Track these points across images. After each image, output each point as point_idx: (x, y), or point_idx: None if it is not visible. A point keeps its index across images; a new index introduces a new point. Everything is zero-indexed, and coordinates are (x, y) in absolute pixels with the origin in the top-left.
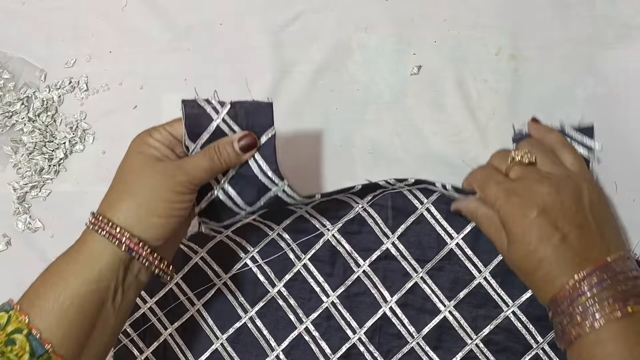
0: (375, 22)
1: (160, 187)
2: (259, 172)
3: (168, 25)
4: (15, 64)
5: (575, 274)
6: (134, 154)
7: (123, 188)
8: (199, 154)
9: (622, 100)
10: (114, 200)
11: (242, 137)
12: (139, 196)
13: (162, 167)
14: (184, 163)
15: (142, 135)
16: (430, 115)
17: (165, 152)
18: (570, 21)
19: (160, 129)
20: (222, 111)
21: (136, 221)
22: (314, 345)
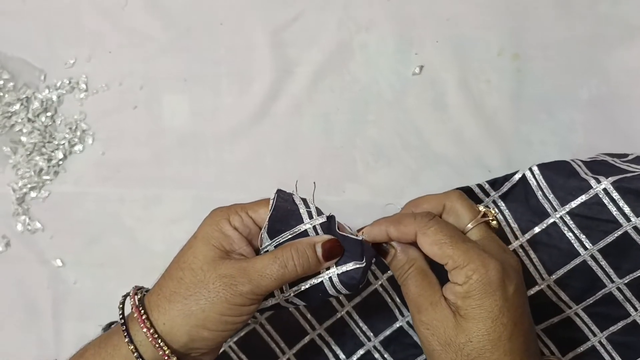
0: (376, 22)
1: (219, 297)
2: (332, 290)
3: (168, 25)
4: (14, 64)
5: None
6: (202, 243)
7: (177, 287)
8: (268, 257)
9: (625, 100)
10: (164, 298)
11: (327, 242)
12: (192, 304)
13: (224, 270)
14: (250, 267)
15: (219, 218)
16: (432, 115)
17: (239, 244)
18: (573, 21)
19: (243, 213)
20: (317, 220)
21: (183, 331)
22: (327, 350)
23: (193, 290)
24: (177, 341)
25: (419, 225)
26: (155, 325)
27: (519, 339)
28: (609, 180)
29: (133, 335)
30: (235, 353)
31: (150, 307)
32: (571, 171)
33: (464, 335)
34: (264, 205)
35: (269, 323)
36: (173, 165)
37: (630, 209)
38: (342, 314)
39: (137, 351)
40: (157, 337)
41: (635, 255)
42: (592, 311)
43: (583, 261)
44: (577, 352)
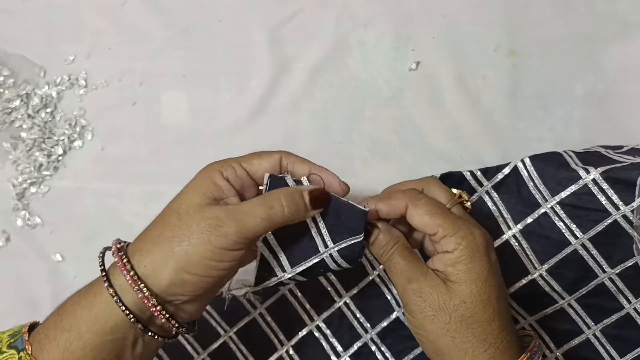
0: (373, 19)
1: (202, 239)
2: (333, 265)
3: (167, 22)
4: (14, 60)
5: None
6: (190, 190)
7: (161, 230)
8: (257, 199)
9: (621, 96)
10: (148, 241)
11: (315, 189)
12: (174, 244)
13: (209, 213)
14: (237, 209)
15: (210, 169)
16: (429, 112)
17: (230, 194)
18: (569, 17)
19: (236, 164)
20: None
21: (164, 273)
22: (325, 342)
23: (177, 232)
24: (157, 284)
25: (410, 198)
26: (136, 268)
27: (504, 301)
28: (597, 171)
29: (113, 280)
30: (235, 344)
31: (132, 252)
32: (562, 162)
33: (457, 297)
34: (256, 157)
35: (268, 313)
36: (172, 162)
37: (619, 198)
38: (340, 304)
39: (117, 295)
40: (136, 279)
41: (625, 245)
42: (585, 302)
43: (574, 250)
44: (571, 345)
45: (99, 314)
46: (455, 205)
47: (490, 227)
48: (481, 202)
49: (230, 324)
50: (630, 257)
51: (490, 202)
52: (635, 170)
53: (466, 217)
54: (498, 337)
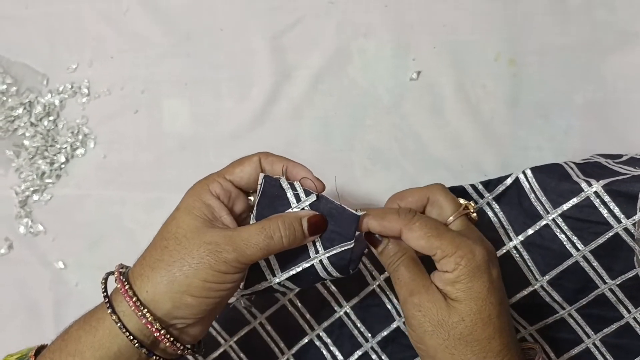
0: (374, 28)
1: (202, 263)
2: (324, 273)
3: (169, 30)
4: (17, 69)
5: None
6: (184, 213)
7: (161, 255)
8: (255, 227)
9: (621, 105)
10: (148, 267)
11: (313, 216)
12: (175, 269)
13: (209, 238)
14: (236, 236)
15: (198, 188)
16: (429, 120)
17: (220, 213)
18: (569, 27)
19: (220, 178)
20: (306, 201)
21: (166, 298)
22: (326, 351)
23: (177, 257)
24: (160, 308)
25: (403, 222)
26: (138, 293)
27: (506, 316)
28: (599, 184)
29: (116, 306)
30: (236, 353)
31: (134, 278)
32: (563, 174)
33: (456, 315)
34: (237, 165)
35: (269, 323)
36: (174, 169)
37: (620, 211)
38: (341, 314)
39: (120, 321)
40: (139, 304)
41: (626, 257)
42: (585, 312)
43: (575, 262)
44: (571, 354)
45: (103, 339)
46: (460, 217)
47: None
48: (482, 213)
49: (230, 333)
50: (631, 268)
51: (491, 213)
52: (636, 184)
53: (469, 230)
54: (499, 355)
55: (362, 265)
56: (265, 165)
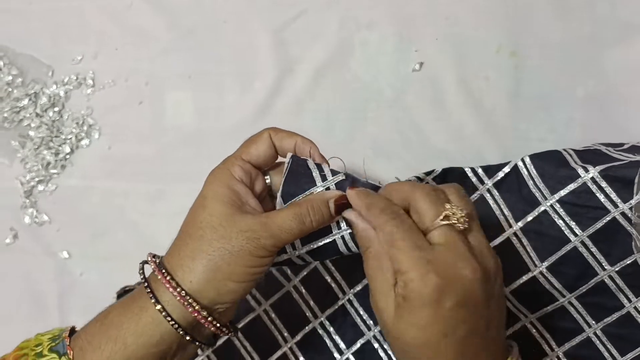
0: (377, 20)
1: (242, 251)
2: (343, 248)
3: (173, 23)
4: (23, 60)
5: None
6: (214, 202)
7: (199, 245)
8: (287, 213)
9: (622, 98)
10: (187, 257)
11: (339, 198)
12: (217, 258)
13: (245, 226)
14: (270, 223)
15: (221, 175)
16: (431, 112)
17: (248, 196)
18: (570, 20)
19: (240, 161)
20: (332, 180)
21: (210, 286)
22: (328, 340)
23: (216, 246)
24: (205, 297)
25: (379, 221)
26: (182, 284)
27: (447, 348)
28: (596, 169)
29: (159, 296)
30: (240, 340)
31: (173, 269)
32: (561, 160)
33: (396, 331)
34: (251, 145)
35: (273, 310)
36: (177, 160)
37: (617, 196)
38: (344, 301)
39: (165, 310)
40: (184, 294)
41: (624, 242)
42: (586, 301)
43: (574, 247)
44: (572, 344)
45: (146, 327)
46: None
47: (492, 224)
48: (483, 200)
49: (234, 320)
50: (630, 254)
51: (491, 200)
52: (633, 169)
53: (444, 249)
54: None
55: None
56: (276, 141)
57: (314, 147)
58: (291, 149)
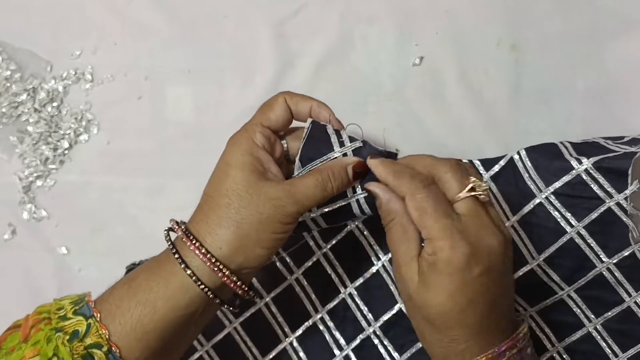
0: (377, 14)
1: (270, 218)
2: (357, 211)
3: (172, 17)
4: (21, 55)
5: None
6: (239, 170)
7: (227, 213)
8: (310, 179)
9: (622, 91)
10: (216, 224)
11: (357, 164)
12: (246, 225)
13: (271, 193)
14: (295, 190)
15: (244, 143)
16: (432, 106)
17: (269, 164)
18: (570, 13)
19: (260, 128)
20: (350, 147)
21: (239, 252)
22: (328, 335)
23: (244, 214)
24: (233, 262)
25: (409, 189)
26: (212, 250)
27: (472, 314)
28: (590, 161)
29: (188, 262)
30: (240, 335)
31: (202, 235)
32: (556, 153)
33: (420, 299)
34: (268, 110)
35: (274, 304)
36: (176, 155)
37: (612, 187)
38: (345, 295)
39: (196, 276)
40: (214, 261)
41: (621, 234)
42: (585, 294)
43: (570, 239)
44: (573, 339)
45: (176, 291)
46: (467, 198)
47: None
48: None
49: (236, 314)
50: (626, 246)
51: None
52: (626, 160)
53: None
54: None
55: (368, 246)
56: (291, 105)
57: (331, 112)
58: (307, 112)
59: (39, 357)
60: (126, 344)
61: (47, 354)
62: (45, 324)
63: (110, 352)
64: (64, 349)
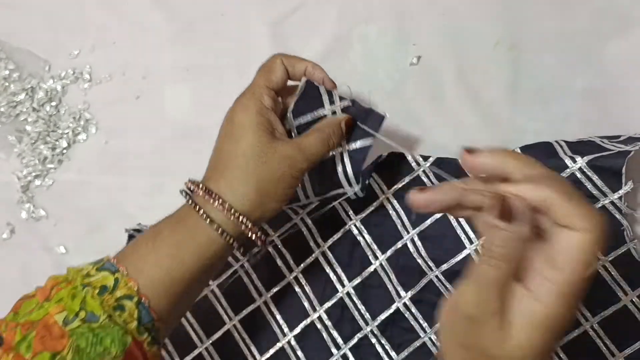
0: (375, 13)
1: (285, 175)
2: (341, 172)
3: (170, 16)
4: (20, 54)
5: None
6: (254, 131)
7: (245, 171)
8: (314, 138)
9: (620, 91)
10: (237, 182)
11: (348, 120)
12: (265, 182)
13: (285, 152)
14: (304, 148)
15: (253, 105)
16: (430, 105)
17: (277, 124)
18: (568, 12)
19: (266, 90)
20: (339, 104)
21: (258, 207)
22: (326, 334)
23: (264, 171)
24: (252, 216)
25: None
26: (235, 206)
27: None
28: (584, 160)
29: (212, 215)
30: (239, 332)
31: (222, 192)
32: (551, 152)
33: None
34: (269, 73)
35: (273, 301)
36: (175, 154)
37: (605, 185)
38: (343, 294)
39: (222, 229)
40: (238, 215)
41: (616, 232)
42: None
43: None
44: (569, 338)
45: (202, 244)
46: None
47: None
48: None
49: (235, 311)
50: (622, 244)
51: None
52: (620, 159)
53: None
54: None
55: (366, 245)
56: (288, 66)
57: (325, 74)
58: (302, 73)
59: (66, 312)
60: (155, 295)
61: (73, 309)
62: (66, 285)
63: (140, 303)
64: (94, 302)
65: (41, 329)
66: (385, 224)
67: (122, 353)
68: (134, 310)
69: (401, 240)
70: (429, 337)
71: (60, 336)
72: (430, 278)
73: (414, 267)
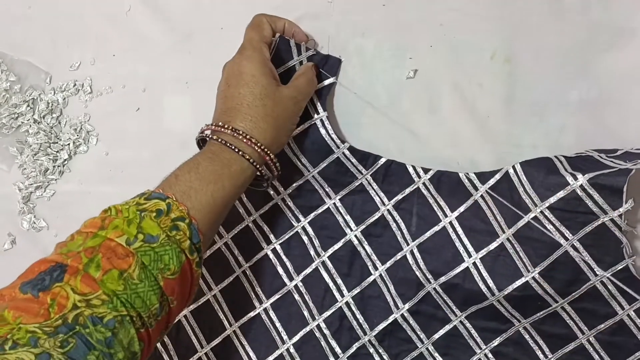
0: (372, 27)
1: (292, 112)
2: (325, 133)
3: (170, 29)
4: (21, 67)
5: None
6: (266, 78)
7: (264, 111)
8: (304, 80)
9: (616, 104)
10: (261, 121)
11: (315, 66)
12: (280, 120)
13: (289, 93)
14: (300, 87)
15: (258, 57)
16: (426, 118)
17: (274, 71)
18: (564, 25)
19: (264, 45)
20: (305, 54)
21: (275, 141)
22: (324, 343)
23: (277, 111)
24: (270, 148)
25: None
26: (259, 141)
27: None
28: (585, 177)
29: (243, 150)
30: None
31: (248, 130)
32: (551, 168)
33: None
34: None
35: (272, 309)
36: (174, 166)
37: (606, 203)
38: (342, 304)
39: (253, 159)
40: (263, 148)
41: (615, 249)
42: (578, 306)
43: (565, 252)
44: (565, 351)
45: (236, 173)
46: None
47: (487, 231)
48: (477, 206)
49: (236, 318)
50: (621, 259)
51: (485, 206)
52: (621, 177)
53: None
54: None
55: (366, 255)
56: (271, 23)
57: (299, 28)
58: (282, 28)
59: (126, 235)
60: (201, 217)
61: (132, 233)
62: (117, 214)
63: (191, 224)
64: (153, 223)
65: (106, 251)
66: (385, 235)
67: (180, 269)
68: (187, 230)
69: (400, 252)
70: (426, 347)
71: (125, 255)
72: (428, 290)
73: (413, 279)
